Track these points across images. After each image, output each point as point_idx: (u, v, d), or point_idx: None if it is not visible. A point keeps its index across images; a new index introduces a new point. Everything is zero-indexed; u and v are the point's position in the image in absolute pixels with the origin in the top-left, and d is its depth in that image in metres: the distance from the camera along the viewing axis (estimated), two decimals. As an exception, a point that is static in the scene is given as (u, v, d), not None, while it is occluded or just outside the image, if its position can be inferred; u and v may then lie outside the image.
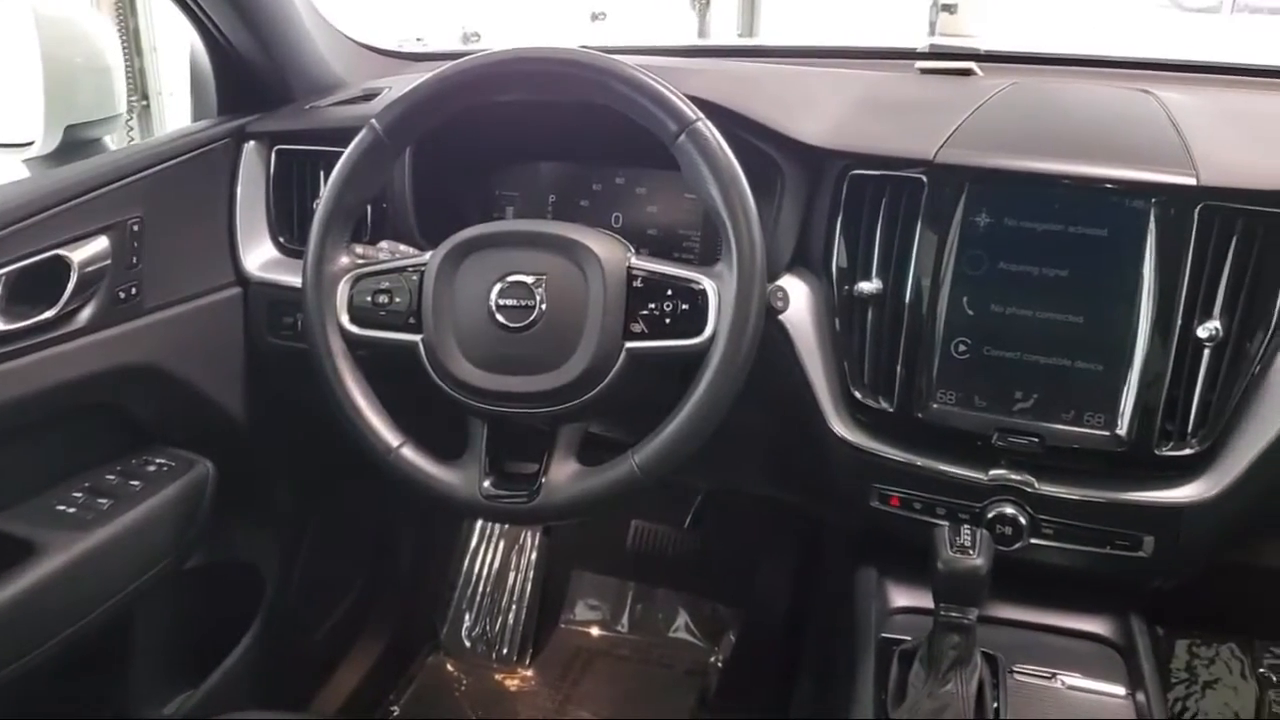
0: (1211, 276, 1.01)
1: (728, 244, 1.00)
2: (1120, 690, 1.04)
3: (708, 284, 1.01)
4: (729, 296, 1.00)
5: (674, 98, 1.01)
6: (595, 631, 2.06)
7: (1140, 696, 1.02)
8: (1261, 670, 1.83)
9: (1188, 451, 1.03)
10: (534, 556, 2.09)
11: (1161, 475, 1.05)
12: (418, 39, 1.90)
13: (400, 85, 1.12)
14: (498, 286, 1.04)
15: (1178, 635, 1.85)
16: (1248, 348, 1.02)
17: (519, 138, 1.34)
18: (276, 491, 1.60)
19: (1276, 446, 1.02)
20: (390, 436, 1.08)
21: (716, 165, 1.00)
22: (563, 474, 1.05)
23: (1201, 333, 1.01)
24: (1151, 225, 1.01)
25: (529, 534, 2.10)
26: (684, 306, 1.02)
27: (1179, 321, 1.01)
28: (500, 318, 1.04)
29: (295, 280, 1.17)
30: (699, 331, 1.01)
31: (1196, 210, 1.00)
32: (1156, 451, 1.03)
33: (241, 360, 1.39)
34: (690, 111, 1.01)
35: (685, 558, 1.99)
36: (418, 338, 1.07)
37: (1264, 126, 1.14)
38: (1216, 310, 1.02)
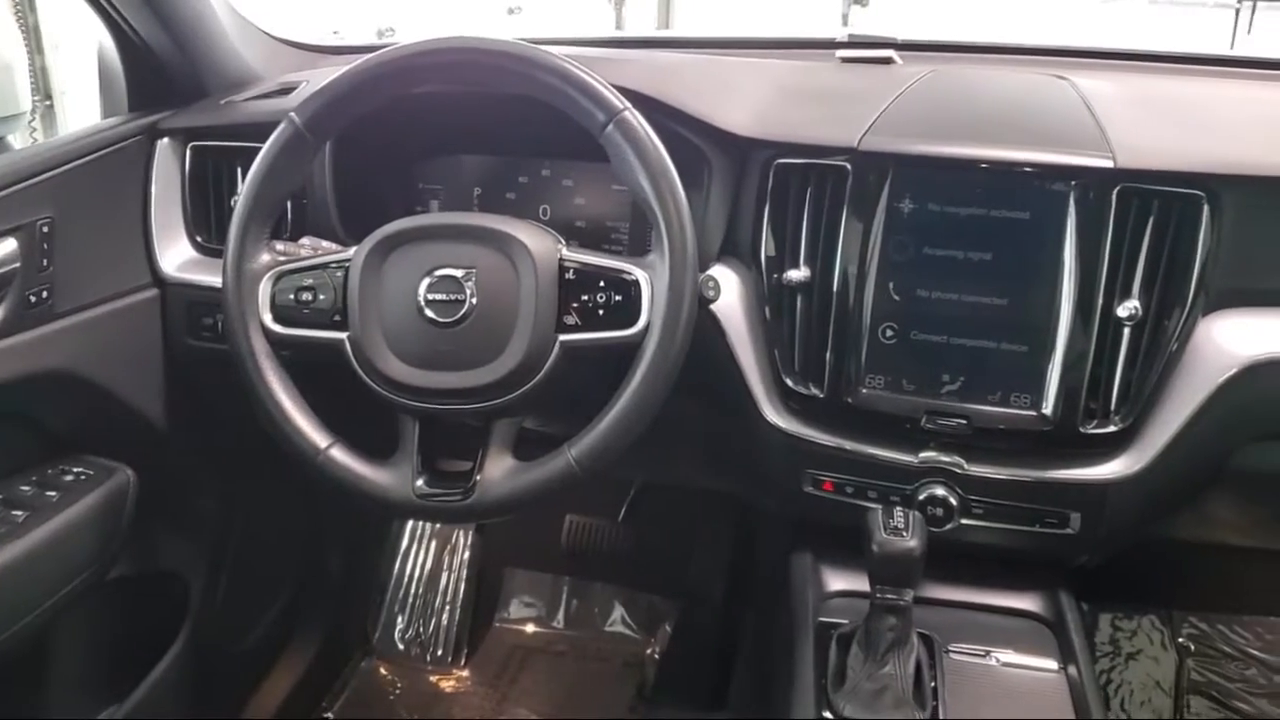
0: (1130, 257, 1.04)
1: (659, 234, 1.00)
2: (1052, 665, 1.06)
3: (640, 275, 1.01)
4: (661, 287, 1.00)
5: (601, 87, 1.00)
6: (531, 629, 2.05)
7: (1071, 670, 1.05)
8: (1180, 640, 1.89)
9: (1111, 429, 1.06)
10: (467, 555, 2.07)
11: (1086, 453, 1.08)
12: (334, 32, 1.86)
13: (319, 78, 1.10)
14: (426, 281, 1.03)
15: (1101, 609, 1.90)
16: (1166, 326, 1.05)
17: (442, 130, 1.32)
18: (200, 497, 1.56)
19: (1194, 422, 1.05)
20: (318, 438, 1.06)
21: (645, 155, 0.99)
22: (497, 470, 1.03)
23: (1121, 312, 1.04)
24: (1071, 208, 1.03)
25: (461, 533, 2.08)
26: (617, 298, 1.02)
27: (1099, 302, 1.03)
28: (430, 313, 1.02)
29: (214, 280, 1.14)
30: (632, 323, 1.01)
31: (1114, 192, 1.02)
32: (1081, 430, 1.05)
33: (160, 364, 1.35)
34: (618, 101, 1.00)
35: (620, 551, 1.98)
36: (344, 335, 1.05)
37: (1176, 110, 1.17)
38: (1135, 290, 1.04)
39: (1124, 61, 1.47)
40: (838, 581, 1.16)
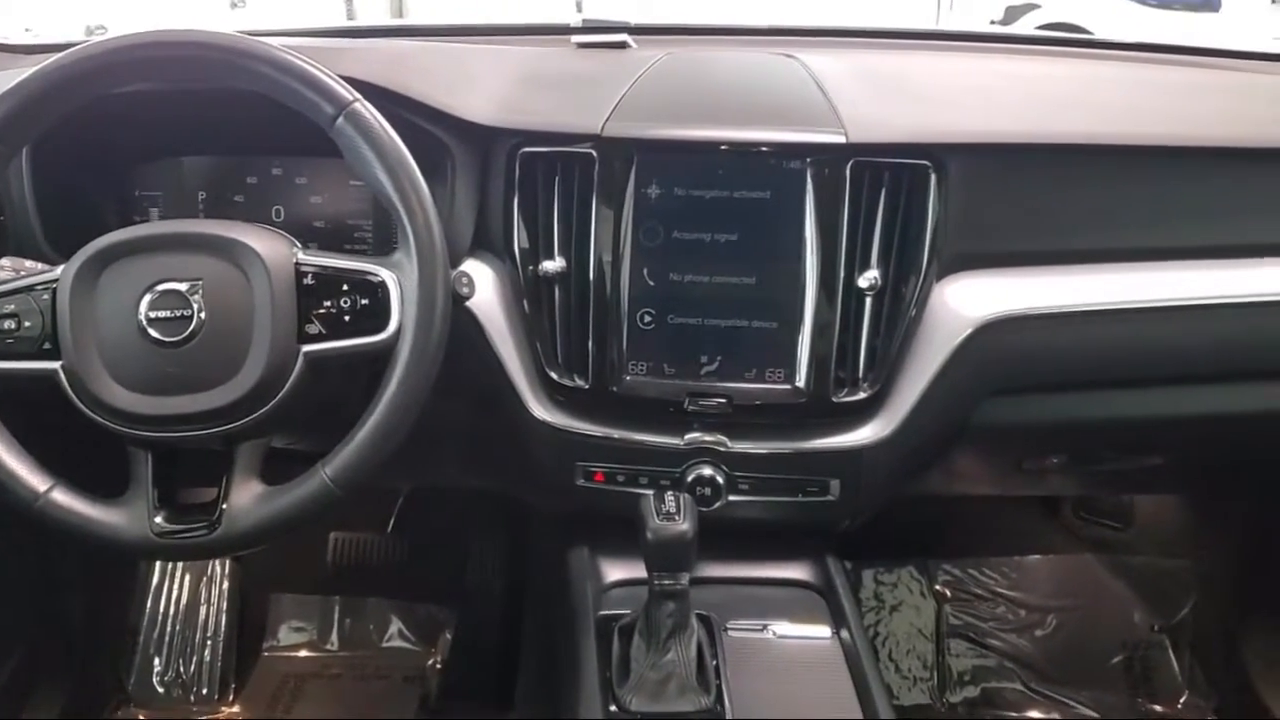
0: (866, 229, 1.08)
1: (403, 231, 0.95)
2: (826, 631, 1.09)
3: (386, 275, 0.96)
4: (411, 287, 0.95)
5: (327, 79, 0.95)
6: (303, 654, 1.95)
7: (844, 634, 1.08)
8: (937, 587, 2.01)
9: (861, 396, 1.10)
10: (226, 586, 1.94)
11: (840, 422, 1.12)
12: (25, 29, 1.69)
13: (6, 80, 0.98)
14: (147, 298, 0.94)
15: (864, 566, 2.00)
16: (904, 293, 1.09)
17: (159, 131, 1.21)
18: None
19: (936, 383, 1.10)
20: (36, 481, 0.95)
21: (381, 148, 0.94)
22: (245, 498, 0.96)
23: (862, 283, 1.07)
24: (809, 184, 1.06)
25: (218, 562, 1.95)
26: (363, 301, 0.96)
27: (841, 274, 1.07)
28: (154, 332, 0.93)
29: None
30: (382, 327, 0.95)
31: (848, 167, 1.06)
32: (834, 399, 1.09)
33: None
34: (346, 93, 0.95)
35: (392, 563, 1.92)
36: (56, 365, 0.94)
37: (900, 84, 1.22)
38: (874, 260, 1.08)
39: (847, 39, 1.53)
40: (615, 571, 1.15)
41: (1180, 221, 1.17)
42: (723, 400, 1.08)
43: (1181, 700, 1.86)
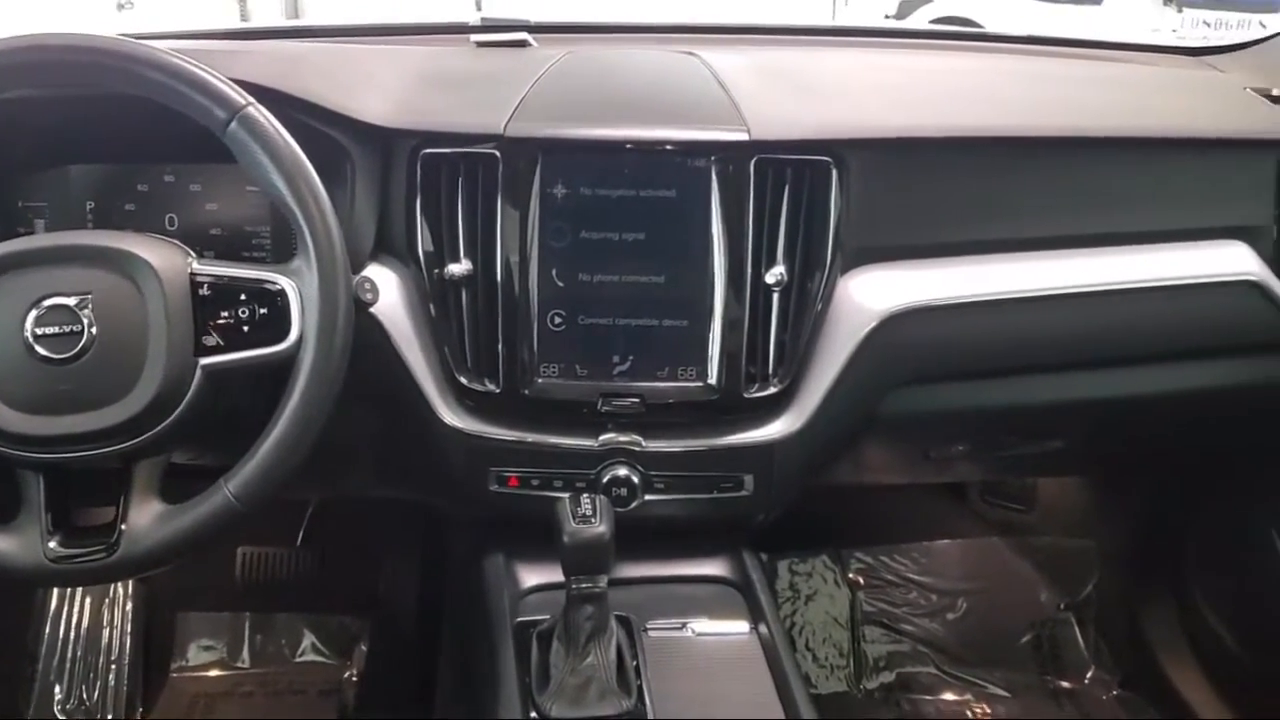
0: (772, 225, 1.09)
1: (302, 238, 0.93)
2: (744, 626, 1.10)
3: (285, 283, 0.94)
4: (311, 294, 0.93)
5: (217, 82, 0.92)
6: (214, 673, 1.89)
7: (762, 628, 1.09)
8: (851, 575, 2.04)
9: (771, 391, 1.10)
10: (130, 607, 1.88)
11: (752, 417, 1.12)
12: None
13: None
14: (33, 314, 0.89)
15: (779, 557, 2.02)
16: (810, 288, 1.10)
17: (41, 139, 1.16)
18: None
19: (844, 376, 1.12)
20: None
21: (276, 153, 0.92)
22: (145, 518, 0.92)
23: (769, 279, 1.08)
24: (714, 182, 1.06)
25: (120, 583, 1.88)
26: (262, 311, 0.93)
27: (749, 271, 1.07)
28: (41, 350, 0.89)
29: None
30: (283, 336, 0.93)
31: (751, 163, 1.06)
32: (745, 395, 1.10)
33: None
34: (238, 96, 0.92)
35: (303, 576, 1.87)
36: None
37: (801, 80, 1.23)
38: (780, 256, 1.09)
39: (746, 36, 1.54)
40: (532, 577, 1.14)
41: (1075, 210, 1.20)
42: (636, 400, 1.08)
43: (1088, 675, 1.92)
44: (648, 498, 1.11)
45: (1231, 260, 1.23)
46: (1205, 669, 1.75)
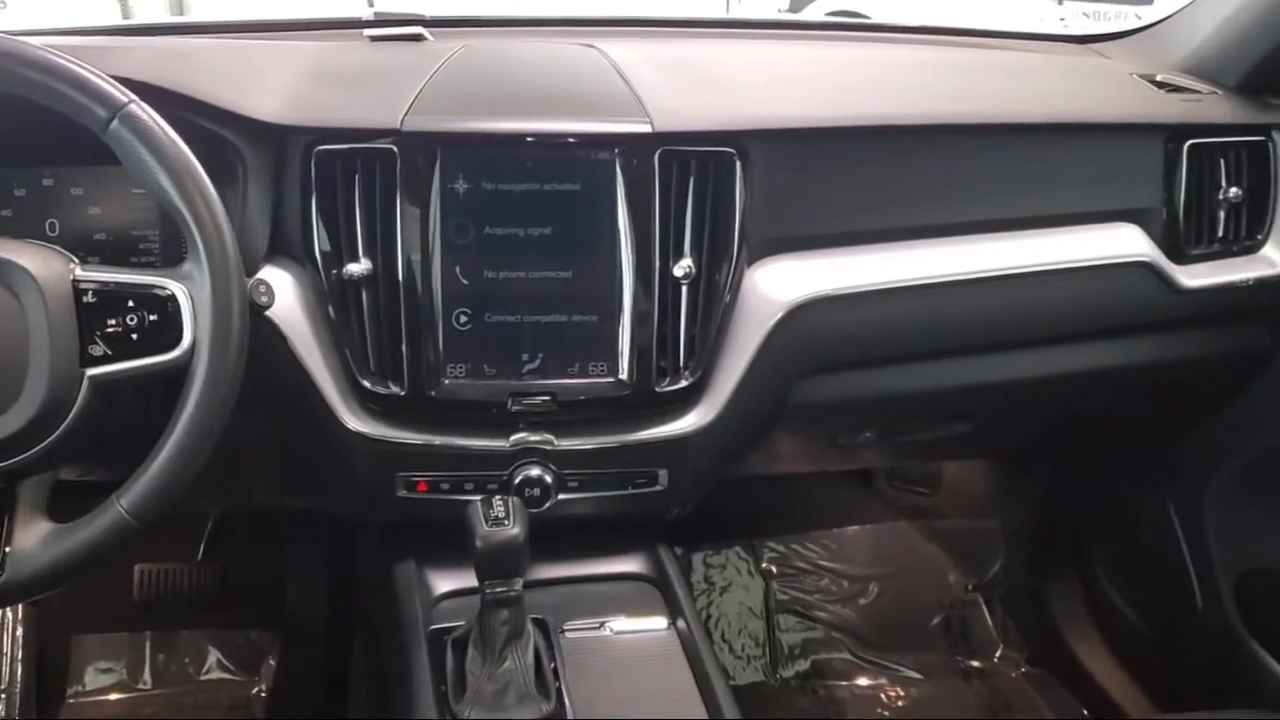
0: (678, 217, 1.08)
1: (192, 240, 0.89)
2: (662, 622, 1.09)
3: (176, 288, 0.89)
4: (204, 299, 0.89)
5: (97, 80, 0.87)
6: (114, 696, 1.83)
7: (680, 623, 1.08)
8: (764, 565, 2.05)
9: (683, 384, 1.10)
10: (20, 632, 1.79)
11: (665, 411, 1.11)
12: None
13: None
14: None
15: (693, 550, 2.02)
16: (717, 281, 1.10)
17: None
18: None
19: (754, 368, 1.12)
20: None
21: (162, 153, 0.88)
22: (31, 538, 0.87)
23: (677, 271, 1.07)
24: (618, 175, 1.05)
25: (9, 608, 1.80)
26: (152, 318, 0.89)
27: (657, 264, 1.06)
28: None
29: None
30: (175, 344, 0.89)
31: (656, 156, 1.05)
32: (657, 390, 1.09)
33: None
34: (120, 94, 0.87)
35: (206, 591, 1.81)
36: None
37: (701, 72, 1.23)
38: (687, 249, 1.08)
39: (644, 28, 1.54)
40: (445, 583, 1.12)
41: (973, 196, 1.23)
42: (547, 398, 1.06)
43: (997, 654, 1.96)
44: (562, 497, 1.10)
45: (1123, 242, 1.26)
46: (1108, 642, 1.81)
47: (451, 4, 1.54)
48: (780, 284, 1.14)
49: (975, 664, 1.95)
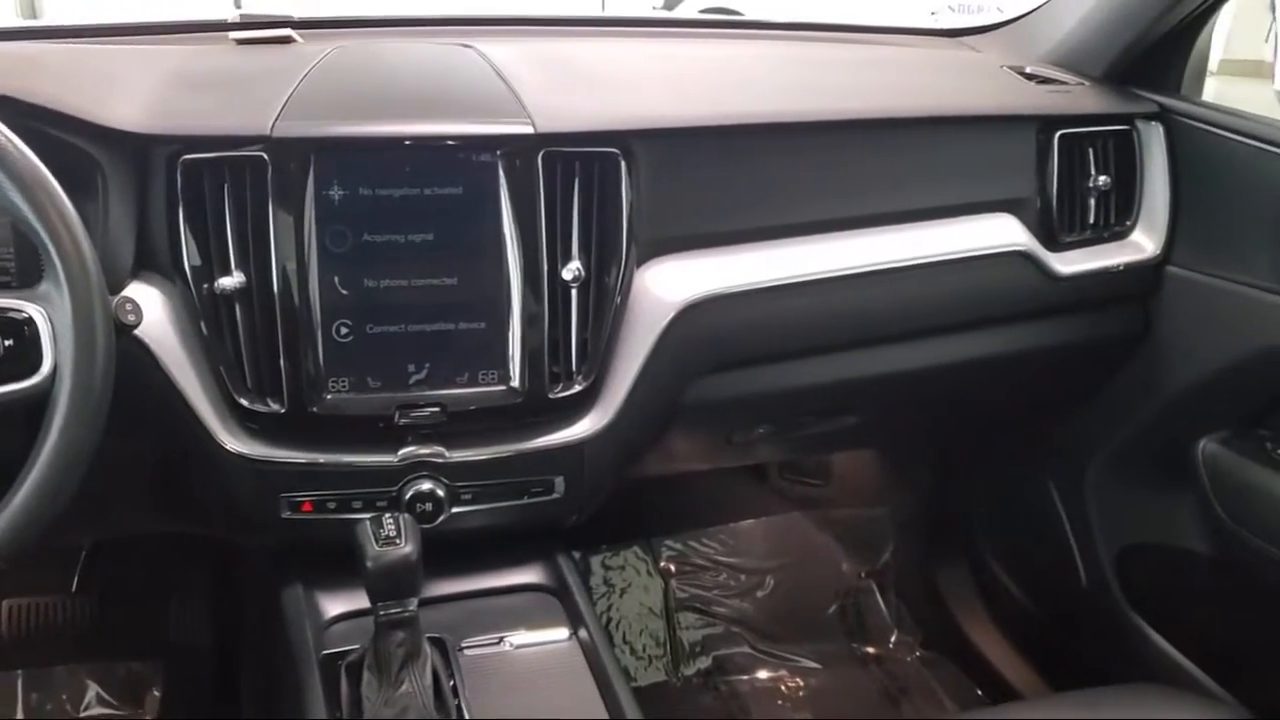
0: (564, 219, 1.06)
1: (49, 258, 0.84)
2: (563, 632, 1.07)
3: (33, 310, 0.84)
4: (64, 321, 0.84)
5: None
6: (-16, 740, 1.72)
7: (582, 633, 1.06)
8: (662, 564, 2.05)
9: (576, 389, 1.08)
10: (-122, 680, 1.68)
11: (559, 418, 1.09)
12: None
13: None
14: None
15: (591, 554, 2.01)
16: (607, 283, 1.08)
17: None
18: None
19: (647, 370, 1.11)
20: None
21: (11, 165, 0.82)
22: None
23: (566, 275, 1.06)
24: (501, 177, 1.02)
25: None
26: (8, 343, 0.84)
27: (545, 267, 1.04)
28: None
29: None
30: (34, 370, 0.84)
31: (539, 157, 1.03)
32: (550, 395, 1.07)
33: None
34: None
35: (82, 623, 1.73)
36: None
37: (580, 71, 1.22)
38: (575, 251, 1.07)
39: (519, 27, 1.52)
40: (336, 605, 1.08)
41: (853, 191, 1.24)
42: (436, 409, 1.03)
43: (892, 639, 2.00)
44: (455, 510, 1.07)
45: (1001, 232, 1.29)
46: (999, 622, 1.86)
47: (322, 5, 1.49)
48: (671, 284, 1.13)
49: (871, 650, 1.98)
